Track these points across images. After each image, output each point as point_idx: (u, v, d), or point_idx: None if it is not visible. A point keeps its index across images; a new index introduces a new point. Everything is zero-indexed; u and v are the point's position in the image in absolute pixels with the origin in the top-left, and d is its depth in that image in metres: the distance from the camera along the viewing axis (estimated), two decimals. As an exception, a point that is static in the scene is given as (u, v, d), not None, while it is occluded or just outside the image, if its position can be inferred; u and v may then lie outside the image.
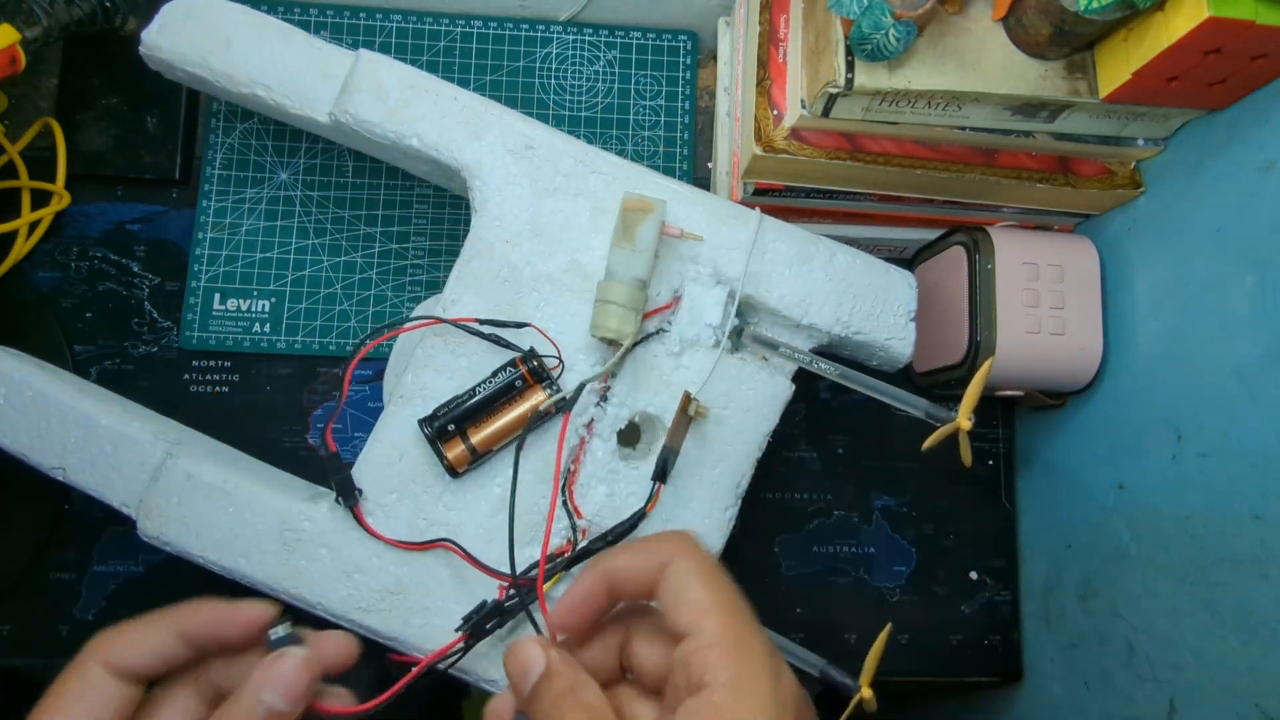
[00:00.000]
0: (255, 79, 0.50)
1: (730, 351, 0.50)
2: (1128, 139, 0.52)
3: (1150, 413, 0.52)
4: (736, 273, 0.49)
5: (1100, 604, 0.56)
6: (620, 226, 0.46)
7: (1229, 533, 0.46)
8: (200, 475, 0.47)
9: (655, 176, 0.50)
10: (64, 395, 0.48)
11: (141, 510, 0.47)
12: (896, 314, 0.52)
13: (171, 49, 0.51)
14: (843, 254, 0.51)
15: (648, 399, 0.49)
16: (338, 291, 0.61)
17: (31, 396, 0.48)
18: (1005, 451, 0.66)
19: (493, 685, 0.47)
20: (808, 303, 0.50)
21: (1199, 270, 0.49)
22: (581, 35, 0.64)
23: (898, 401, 0.42)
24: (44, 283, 0.60)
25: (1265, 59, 0.43)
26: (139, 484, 0.47)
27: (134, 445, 0.48)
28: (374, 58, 0.50)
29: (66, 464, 0.48)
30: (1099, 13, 0.43)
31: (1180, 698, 0.49)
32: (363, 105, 0.49)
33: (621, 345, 0.46)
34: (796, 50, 0.52)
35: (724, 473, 0.49)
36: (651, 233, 0.46)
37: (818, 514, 0.63)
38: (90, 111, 0.60)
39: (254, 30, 0.51)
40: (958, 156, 0.53)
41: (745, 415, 0.49)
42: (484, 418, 0.47)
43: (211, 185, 0.61)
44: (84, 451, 0.48)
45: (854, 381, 0.44)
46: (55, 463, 0.48)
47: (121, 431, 0.48)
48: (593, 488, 0.48)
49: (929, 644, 0.63)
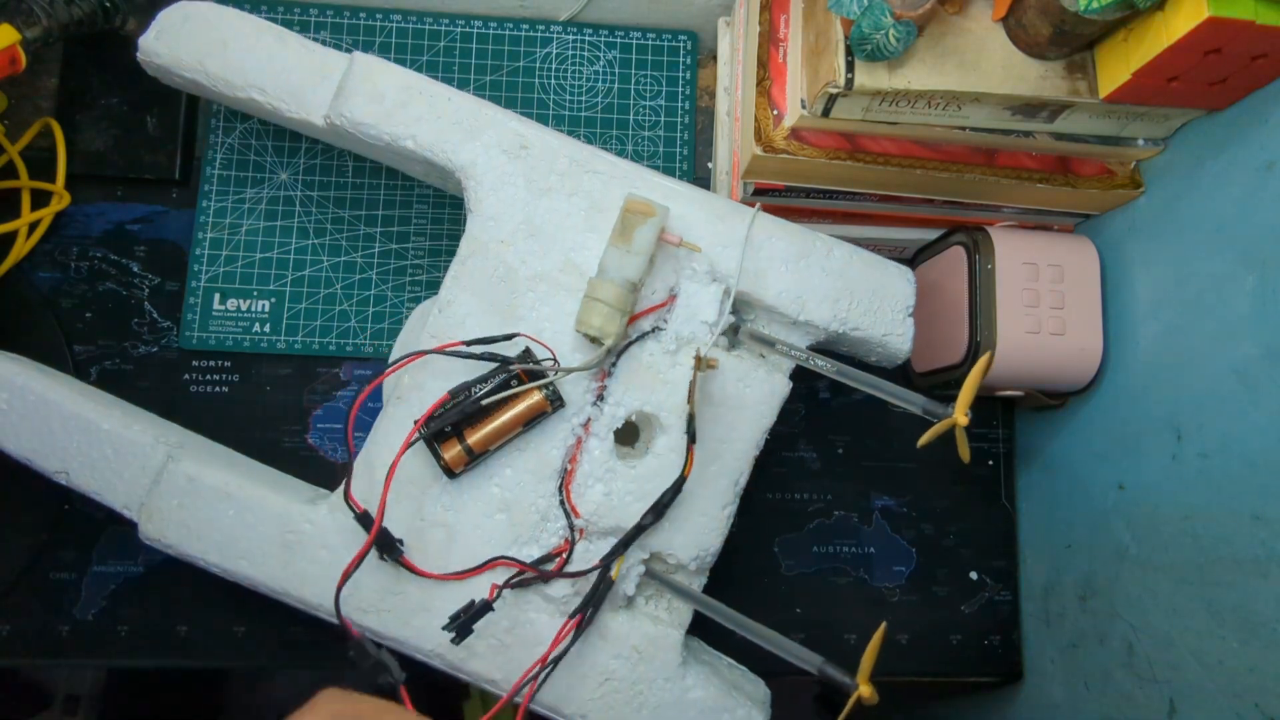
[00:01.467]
0: (251, 83, 0.50)
1: (727, 349, 0.50)
2: (1128, 139, 0.52)
3: (1150, 413, 0.52)
4: (732, 269, 0.49)
5: (1100, 604, 0.56)
6: (619, 226, 0.46)
7: (1229, 533, 0.46)
8: (201, 478, 0.47)
9: (652, 175, 0.50)
10: (66, 400, 0.48)
11: (143, 513, 0.47)
12: (894, 309, 0.51)
13: (169, 54, 0.51)
14: (839, 249, 0.51)
15: (644, 398, 0.49)
16: (338, 291, 0.61)
17: (34, 402, 0.48)
18: (1005, 451, 0.66)
19: (494, 686, 0.47)
20: (804, 299, 0.50)
21: (1199, 270, 0.49)
22: (581, 35, 0.64)
23: (895, 398, 0.42)
24: (44, 283, 0.60)
25: (1265, 59, 0.43)
26: (140, 487, 0.47)
27: (135, 449, 0.48)
28: (369, 60, 0.50)
29: (69, 468, 0.48)
30: (1099, 13, 0.43)
31: (1180, 698, 0.49)
32: (358, 108, 0.49)
33: (604, 344, 0.46)
34: (796, 50, 0.52)
35: (722, 470, 0.49)
36: (649, 237, 0.46)
37: (818, 514, 0.63)
38: (90, 111, 0.60)
39: (250, 34, 0.51)
40: (958, 156, 0.53)
41: (743, 413, 0.49)
42: (481, 419, 0.47)
43: (211, 185, 0.61)
44: (86, 456, 0.48)
45: (851, 378, 0.44)
46: (58, 467, 0.48)
47: (123, 435, 0.48)
48: (590, 487, 0.48)
49: (929, 644, 0.63)
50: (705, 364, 0.46)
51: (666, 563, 0.49)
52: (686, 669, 0.48)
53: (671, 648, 0.48)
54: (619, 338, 0.46)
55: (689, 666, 0.48)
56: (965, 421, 0.38)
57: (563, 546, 0.47)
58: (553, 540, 0.47)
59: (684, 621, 0.49)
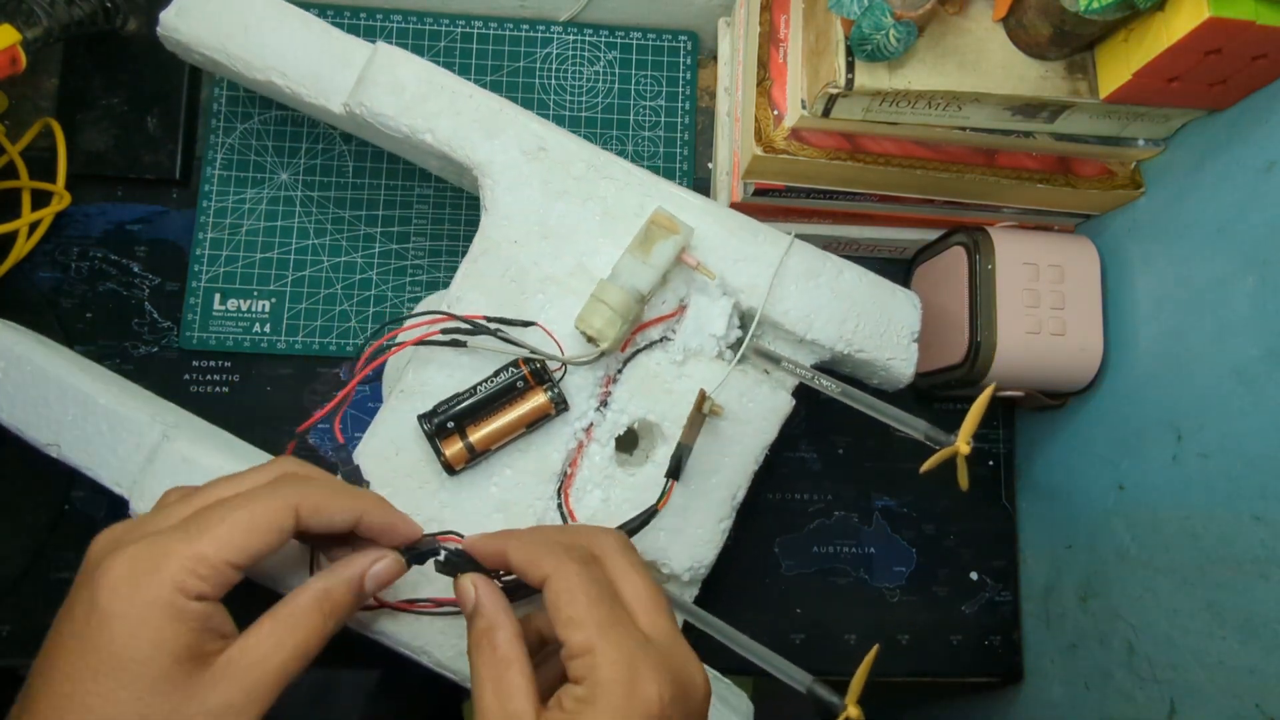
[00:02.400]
0: (272, 65, 0.50)
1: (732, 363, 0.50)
2: (1128, 139, 0.52)
3: (1150, 413, 0.52)
4: (743, 284, 0.49)
5: (1100, 604, 0.56)
6: (642, 235, 0.46)
7: (1229, 533, 0.46)
8: (196, 459, 0.47)
9: (666, 185, 0.50)
10: (63, 372, 0.48)
11: (135, 491, 0.47)
12: (900, 334, 0.51)
13: (189, 31, 0.50)
14: (850, 271, 0.51)
15: (648, 406, 0.48)
16: (338, 291, 0.61)
17: (30, 371, 0.47)
18: (1005, 451, 0.66)
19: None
20: (812, 318, 0.50)
21: (1199, 270, 0.49)
22: (581, 35, 0.64)
23: (897, 422, 0.42)
24: (44, 283, 0.60)
25: (1265, 59, 0.43)
26: (134, 465, 0.47)
27: (131, 425, 0.47)
28: (392, 51, 0.49)
29: (61, 440, 0.47)
30: (1099, 13, 0.43)
31: (1180, 698, 0.49)
32: (378, 98, 0.49)
33: (599, 347, 0.46)
34: (796, 50, 0.52)
35: (720, 484, 0.49)
36: (668, 253, 0.46)
37: (818, 514, 0.63)
38: (90, 111, 0.60)
39: (274, 16, 0.50)
40: (958, 157, 0.53)
41: (744, 428, 0.49)
42: (484, 417, 0.47)
43: (211, 185, 0.61)
44: (80, 429, 0.47)
45: (855, 400, 0.44)
46: (50, 439, 0.47)
47: (118, 411, 0.47)
48: (588, 492, 0.48)
49: (929, 644, 0.63)
50: (711, 408, 0.45)
51: (660, 572, 0.49)
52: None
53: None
54: (616, 344, 0.46)
55: (676, 676, 0.48)
56: (967, 450, 0.38)
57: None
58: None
59: None
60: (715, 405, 0.46)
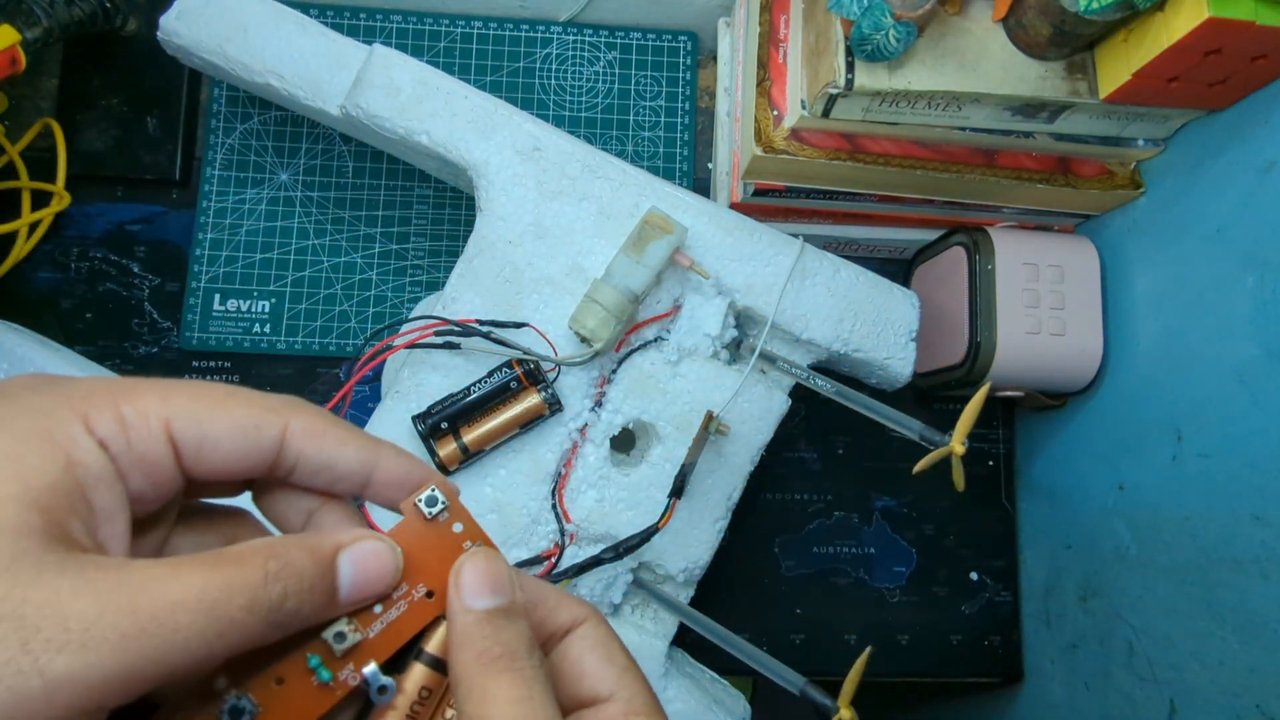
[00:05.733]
0: (269, 68, 0.50)
1: (727, 363, 0.50)
2: (1128, 139, 0.52)
3: (1150, 413, 0.52)
4: (739, 284, 0.49)
5: (1100, 604, 0.56)
6: (635, 235, 0.46)
7: (1229, 533, 0.46)
8: None
9: (661, 184, 0.50)
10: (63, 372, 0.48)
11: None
12: (897, 333, 0.51)
13: (189, 35, 0.51)
14: (846, 270, 0.51)
15: (643, 406, 0.48)
16: (338, 291, 0.61)
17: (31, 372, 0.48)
18: (1005, 451, 0.66)
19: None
20: (808, 318, 0.50)
21: (1199, 270, 0.49)
22: (581, 36, 0.64)
23: (892, 422, 0.42)
24: (44, 283, 0.60)
25: (1265, 59, 0.43)
26: None
27: None
28: (388, 53, 0.50)
29: None
30: (1099, 13, 0.43)
31: (1180, 698, 0.49)
32: (374, 100, 0.49)
33: (592, 347, 0.46)
34: (796, 51, 0.52)
35: (715, 485, 0.49)
36: (661, 253, 0.46)
37: (818, 514, 0.63)
38: (90, 112, 0.60)
39: (271, 20, 0.51)
40: (958, 157, 0.53)
41: (740, 428, 0.49)
42: (477, 417, 0.47)
43: (211, 185, 0.61)
44: None
45: (851, 400, 0.44)
46: None
47: None
48: (582, 492, 0.48)
49: (929, 644, 0.63)
50: (717, 427, 0.45)
51: (655, 573, 0.49)
52: (669, 680, 0.48)
53: (655, 658, 0.48)
54: (610, 344, 0.46)
55: (671, 678, 0.48)
56: (962, 451, 0.38)
57: (552, 551, 0.47)
58: (542, 544, 0.47)
59: (669, 633, 0.49)
60: (721, 425, 0.46)
